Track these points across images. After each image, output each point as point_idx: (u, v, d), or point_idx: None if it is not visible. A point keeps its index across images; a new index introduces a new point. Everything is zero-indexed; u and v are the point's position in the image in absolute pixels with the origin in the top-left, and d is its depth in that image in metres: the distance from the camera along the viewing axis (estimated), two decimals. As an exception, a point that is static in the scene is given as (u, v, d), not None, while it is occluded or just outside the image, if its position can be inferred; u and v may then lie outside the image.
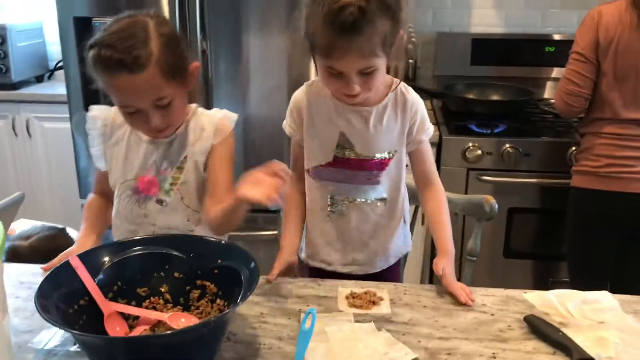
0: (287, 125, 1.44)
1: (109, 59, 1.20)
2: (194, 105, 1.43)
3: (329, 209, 1.44)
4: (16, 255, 1.96)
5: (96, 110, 1.45)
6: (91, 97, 2.50)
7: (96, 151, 1.45)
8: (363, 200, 1.43)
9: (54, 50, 3.34)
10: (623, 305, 1.26)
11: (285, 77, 2.37)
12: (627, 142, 1.97)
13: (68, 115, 2.59)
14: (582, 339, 1.13)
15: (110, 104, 1.35)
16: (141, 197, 1.41)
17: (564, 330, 1.16)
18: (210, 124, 1.39)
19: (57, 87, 3.10)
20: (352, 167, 1.39)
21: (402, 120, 1.38)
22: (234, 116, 1.42)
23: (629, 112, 1.96)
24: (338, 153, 1.39)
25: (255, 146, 2.45)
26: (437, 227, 1.43)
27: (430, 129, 1.43)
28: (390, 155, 1.40)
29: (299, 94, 1.42)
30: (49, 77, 3.37)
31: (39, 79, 3.30)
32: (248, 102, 2.42)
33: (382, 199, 1.43)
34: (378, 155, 1.39)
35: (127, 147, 1.41)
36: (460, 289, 1.28)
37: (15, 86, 3.05)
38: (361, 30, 1.16)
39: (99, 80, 1.28)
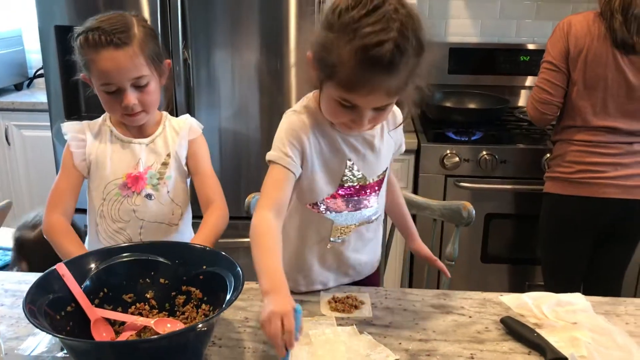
0: (282, 156, 1.22)
1: (97, 38, 1.34)
2: (164, 112, 1.55)
3: (330, 240, 1.35)
4: (23, 246, 1.98)
5: (69, 126, 1.50)
6: (72, 105, 2.55)
7: (79, 156, 1.47)
8: (362, 222, 1.36)
9: (33, 58, 3.34)
10: (595, 307, 1.31)
11: (260, 88, 2.41)
12: (598, 148, 2.03)
13: (48, 124, 2.59)
14: (556, 339, 1.17)
15: (89, 109, 1.41)
16: (130, 192, 1.46)
17: (539, 331, 1.20)
18: (184, 124, 1.54)
19: (37, 95, 3.10)
20: (357, 194, 1.31)
21: (395, 133, 1.37)
22: (199, 124, 1.57)
23: (598, 119, 2.03)
24: (343, 182, 1.30)
25: (232, 153, 2.48)
26: (406, 214, 1.55)
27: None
28: (385, 172, 1.37)
29: (298, 124, 1.24)
30: (28, 86, 3.35)
31: (18, 87, 3.28)
32: (227, 109, 2.45)
33: (376, 217, 1.39)
34: (378, 176, 1.35)
35: (111, 151, 1.47)
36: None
37: (-7, 94, 3.04)
38: (397, 69, 1.06)
39: (84, 64, 1.39)
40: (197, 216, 1.54)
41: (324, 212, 1.31)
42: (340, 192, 1.30)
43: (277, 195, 1.20)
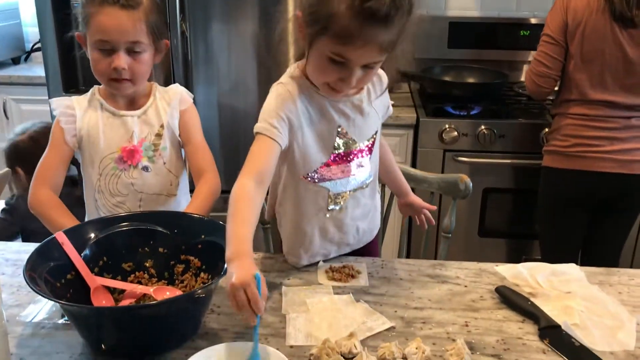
0: (269, 127, 1.21)
1: None
2: (154, 83, 1.54)
3: (328, 208, 1.35)
4: (18, 150, 2.06)
5: (58, 101, 1.48)
6: (70, 78, 2.54)
7: (70, 132, 1.46)
8: (358, 188, 1.37)
9: (31, 31, 3.31)
10: (589, 277, 1.32)
11: (258, 61, 2.40)
12: (594, 122, 2.03)
13: (46, 97, 2.58)
14: (549, 308, 1.19)
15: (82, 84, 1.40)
16: (126, 166, 1.46)
17: (533, 300, 1.22)
18: (174, 94, 1.53)
19: (35, 69, 3.08)
20: (349, 159, 1.32)
21: (381, 96, 1.38)
22: (189, 93, 1.57)
23: (595, 93, 2.02)
24: (336, 149, 1.30)
25: (230, 127, 2.48)
26: (397, 170, 1.59)
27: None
28: (375, 134, 1.37)
29: (285, 95, 1.24)
30: (26, 59, 3.33)
31: (16, 61, 3.26)
32: (225, 82, 2.45)
33: (369, 182, 1.40)
34: (368, 139, 1.35)
35: (103, 124, 1.46)
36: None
37: (-9, 68, 3.03)
38: (392, 23, 1.09)
39: (83, 18, 1.38)
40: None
41: (318, 181, 1.31)
42: (333, 158, 1.31)
43: (259, 164, 1.19)
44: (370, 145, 1.35)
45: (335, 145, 1.30)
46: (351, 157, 1.32)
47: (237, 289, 0.97)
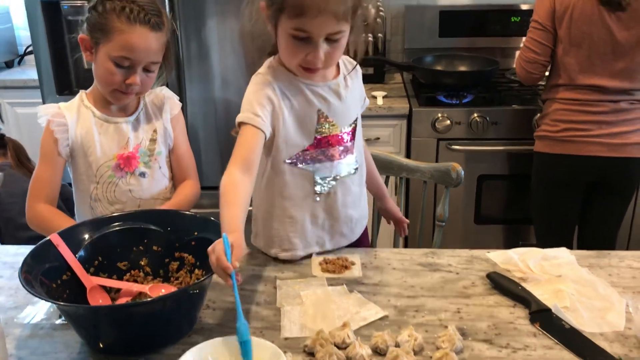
0: (251, 116, 1.25)
1: (136, 13, 1.35)
2: None
3: (315, 192, 1.37)
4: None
5: (45, 109, 1.46)
6: (63, 81, 2.55)
7: (63, 142, 1.44)
8: (345, 174, 1.40)
9: (23, 35, 3.32)
10: (580, 260, 1.34)
11: (253, 57, 2.40)
12: (583, 107, 2.04)
13: (40, 100, 2.59)
14: (540, 292, 1.21)
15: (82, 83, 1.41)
16: (123, 173, 1.46)
17: (524, 284, 1.23)
18: (163, 97, 1.54)
19: (28, 72, 3.08)
20: (331, 143, 1.36)
21: (358, 86, 1.44)
22: (176, 96, 1.58)
23: (584, 77, 2.03)
24: (318, 133, 1.34)
25: (225, 124, 2.50)
26: (376, 173, 1.64)
27: None
28: (355, 121, 1.42)
29: (264, 83, 1.30)
30: (19, 63, 3.34)
31: (9, 65, 3.27)
32: (218, 79, 2.46)
33: (356, 168, 1.43)
34: (349, 125, 1.40)
35: (97, 133, 1.45)
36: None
37: (-16, 73, 3.04)
38: None
39: (101, 28, 1.36)
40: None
41: (302, 165, 1.35)
42: (315, 142, 1.34)
43: (245, 153, 1.23)
44: (352, 131, 1.40)
45: (318, 129, 1.34)
46: (333, 141, 1.36)
47: (210, 253, 1.03)
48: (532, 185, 2.26)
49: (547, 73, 2.19)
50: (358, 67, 1.43)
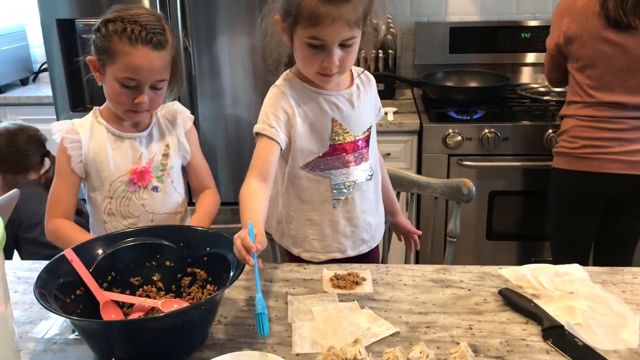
0: (267, 127, 1.34)
1: (138, 33, 1.36)
2: None
3: (333, 198, 1.43)
4: None
5: (59, 126, 1.48)
6: (77, 98, 2.58)
7: (77, 158, 1.46)
8: (362, 180, 1.45)
9: (38, 52, 3.37)
10: (592, 276, 1.33)
11: (263, 74, 2.43)
12: (602, 124, 2.03)
13: (55, 117, 2.63)
14: (552, 309, 1.20)
15: (93, 101, 1.43)
16: (136, 188, 1.48)
17: (536, 301, 1.23)
18: (175, 112, 1.56)
19: (43, 89, 3.13)
20: (346, 150, 1.42)
21: (372, 95, 1.50)
22: (188, 110, 1.60)
23: (602, 95, 2.02)
24: (332, 141, 1.40)
25: (236, 140, 2.51)
26: (391, 190, 1.68)
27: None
28: (369, 129, 1.47)
29: (279, 95, 1.37)
30: (34, 80, 3.39)
31: (24, 82, 3.32)
32: (230, 96, 2.48)
33: (371, 174, 1.48)
34: (363, 132, 1.44)
35: (110, 148, 1.47)
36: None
37: (0, 90, 3.08)
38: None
39: (106, 50, 1.38)
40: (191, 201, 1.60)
41: (318, 172, 1.41)
42: (330, 149, 1.40)
43: (260, 165, 1.32)
44: (366, 138, 1.45)
45: (332, 136, 1.40)
46: (348, 148, 1.42)
47: (235, 239, 1.12)
48: (549, 202, 2.24)
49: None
50: (372, 78, 1.50)
